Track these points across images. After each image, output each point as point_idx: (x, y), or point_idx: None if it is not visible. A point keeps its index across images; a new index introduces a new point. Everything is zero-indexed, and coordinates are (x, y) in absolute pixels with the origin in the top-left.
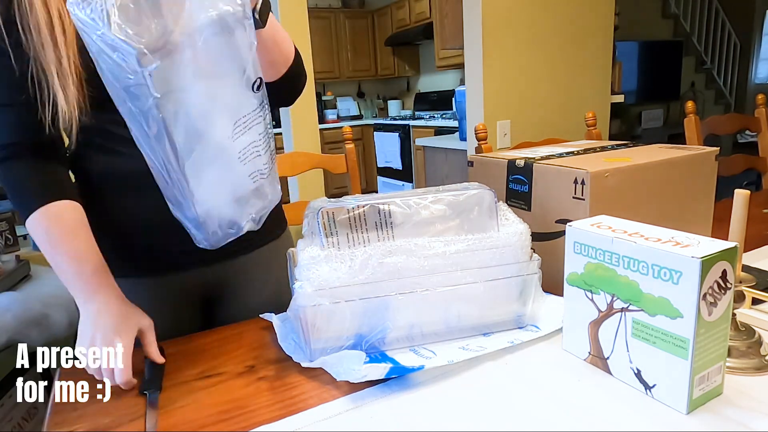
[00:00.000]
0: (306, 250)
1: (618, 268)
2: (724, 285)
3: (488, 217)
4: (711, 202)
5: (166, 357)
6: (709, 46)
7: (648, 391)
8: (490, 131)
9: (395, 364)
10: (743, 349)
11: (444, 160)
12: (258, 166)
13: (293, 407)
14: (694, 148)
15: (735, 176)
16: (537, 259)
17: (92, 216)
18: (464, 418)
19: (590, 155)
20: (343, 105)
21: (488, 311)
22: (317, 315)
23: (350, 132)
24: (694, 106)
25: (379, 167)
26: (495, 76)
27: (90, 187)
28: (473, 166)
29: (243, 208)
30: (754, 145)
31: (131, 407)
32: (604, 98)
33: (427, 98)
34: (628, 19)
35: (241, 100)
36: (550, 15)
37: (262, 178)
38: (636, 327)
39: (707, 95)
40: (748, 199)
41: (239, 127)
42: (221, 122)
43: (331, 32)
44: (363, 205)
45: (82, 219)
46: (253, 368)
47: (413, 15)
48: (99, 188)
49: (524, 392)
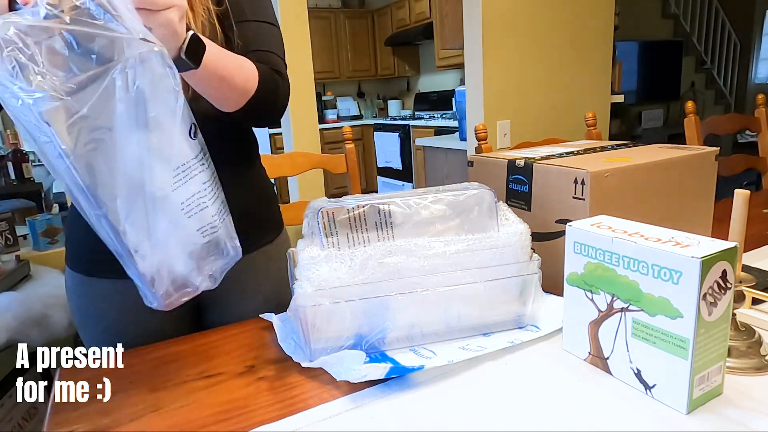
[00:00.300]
0: (306, 250)
1: (618, 268)
2: (724, 285)
3: (488, 217)
4: (711, 202)
5: (166, 357)
6: (709, 46)
7: (648, 391)
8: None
9: (395, 364)
10: (743, 349)
11: (444, 160)
12: (207, 220)
13: (293, 407)
14: (694, 148)
15: (735, 176)
16: (537, 259)
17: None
18: (464, 418)
19: (590, 155)
20: (343, 105)
21: (488, 311)
22: (317, 315)
23: (350, 132)
24: (694, 106)
25: (379, 167)
26: (495, 76)
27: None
28: (473, 166)
29: (198, 264)
30: (754, 145)
31: (131, 407)
32: (604, 98)
33: (427, 98)
34: (628, 19)
35: (178, 148)
36: (550, 15)
37: (213, 232)
38: (636, 327)
39: (707, 95)
40: (748, 199)
41: (179, 176)
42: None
43: (331, 32)
44: (363, 205)
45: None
46: (253, 368)
47: (413, 15)
48: None
49: (524, 392)
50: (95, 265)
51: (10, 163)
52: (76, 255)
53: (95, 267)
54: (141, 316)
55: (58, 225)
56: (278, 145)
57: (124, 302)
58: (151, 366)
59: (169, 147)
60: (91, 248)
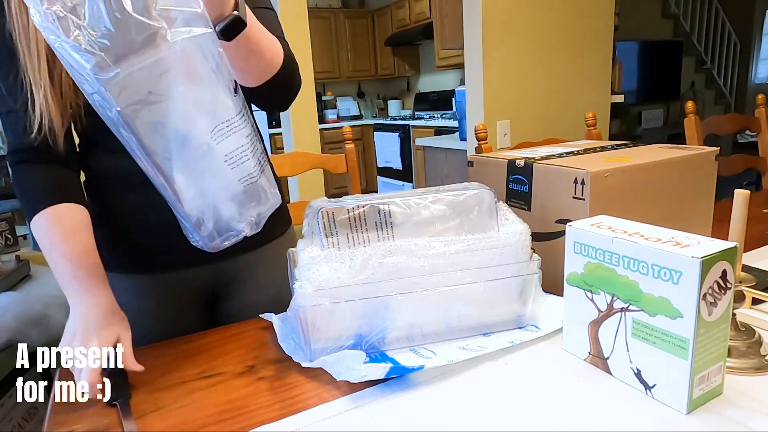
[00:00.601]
0: (306, 250)
1: (618, 268)
2: (724, 285)
3: (488, 217)
4: (711, 202)
5: (166, 357)
6: (709, 46)
7: (648, 391)
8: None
9: (395, 364)
10: (743, 349)
11: (444, 160)
12: (248, 170)
13: (293, 407)
14: (694, 148)
15: (735, 176)
16: (537, 259)
17: (97, 213)
18: (464, 418)
19: (590, 155)
20: (343, 105)
21: (488, 311)
22: (317, 315)
23: (350, 132)
24: (694, 106)
25: (379, 167)
26: (495, 76)
27: (95, 185)
28: (473, 166)
29: (240, 210)
30: (754, 145)
31: (131, 407)
32: (604, 98)
33: (427, 98)
34: (628, 19)
35: (222, 103)
36: (550, 15)
37: (253, 181)
38: (636, 327)
39: (707, 95)
40: (748, 199)
41: (222, 130)
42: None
43: (331, 32)
44: (363, 205)
45: (84, 221)
46: (253, 368)
47: (413, 15)
48: (104, 186)
49: (524, 392)
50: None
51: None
52: None
53: (111, 262)
54: (157, 308)
55: None
56: (278, 145)
57: (141, 296)
58: (151, 366)
59: (213, 102)
60: (105, 244)
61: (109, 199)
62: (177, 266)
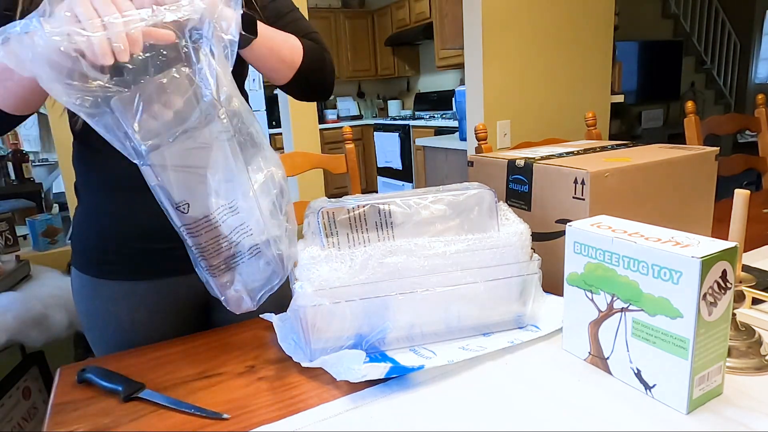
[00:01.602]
0: (306, 250)
1: (618, 268)
2: (724, 285)
3: (488, 217)
4: (711, 202)
5: (166, 357)
6: (709, 46)
7: (648, 391)
8: (490, 131)
9: (395, 364)
10: (743, 349)
11: (444, 160)
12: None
13: (293, 407)
14: (694, 148)
15: (735, 176)
16: (537, 259)
17: (91, 217)
18: (464, 418)
19: (590, 155)
20: (343, 105)
21: (488, 311)
22: (317, 315)
23: (350, 132)
24: (694, 106)
25: (379, 167)
26: (495, 76)
27: (89, 189)
28: (473, 166)
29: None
30: (754, 145)
31: (131, 407)
32: (604, 98)
33: (427, 98)
34: (628, 19)
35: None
36: (550, 15)
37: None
38: (636, 327)
39: (707, 95)
40: (748, 199)
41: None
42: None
43: (331, 32)
44: (363, 205)
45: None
46: (253, 368)
47: (413, 15)
48: (97, 190)
49: (524, 392)
50: (105, 267)
51: (10, 163)
52: (84, 257)
53: (105, 269)
54: (151, 316)
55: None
56: (278, 145)
57: (135, 303)
58: (151, 366)
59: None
60: (101, 250)
61: (102, 204)
62: (171, 273)
